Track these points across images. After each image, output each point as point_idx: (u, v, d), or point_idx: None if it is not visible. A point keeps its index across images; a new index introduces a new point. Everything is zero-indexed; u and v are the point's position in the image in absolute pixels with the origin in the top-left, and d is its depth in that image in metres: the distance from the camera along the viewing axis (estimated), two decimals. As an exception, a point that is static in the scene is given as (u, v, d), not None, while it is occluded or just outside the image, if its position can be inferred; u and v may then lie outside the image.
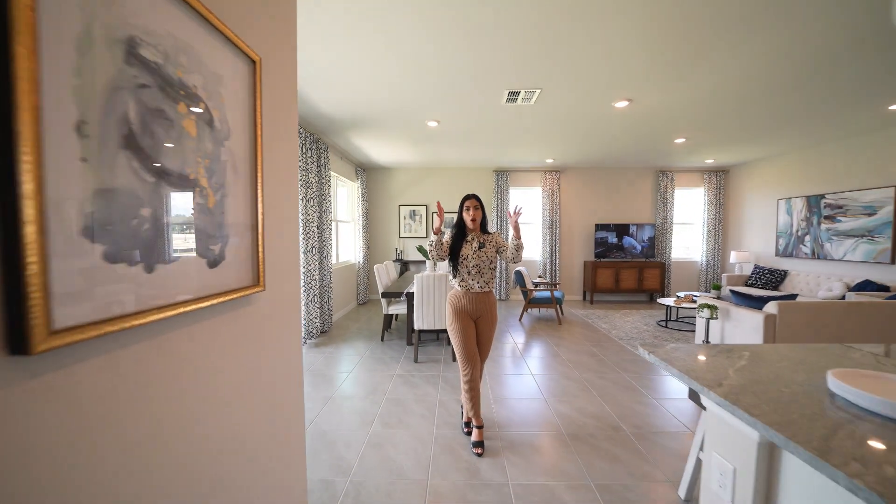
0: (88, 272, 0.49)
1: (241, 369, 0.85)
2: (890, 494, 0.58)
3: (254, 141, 0.88)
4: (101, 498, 0.51)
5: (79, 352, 0.49)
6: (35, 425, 0.43)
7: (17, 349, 0.41)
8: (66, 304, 0.46)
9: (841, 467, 0.64)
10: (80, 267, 0.48)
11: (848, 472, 0.63)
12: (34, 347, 0.42)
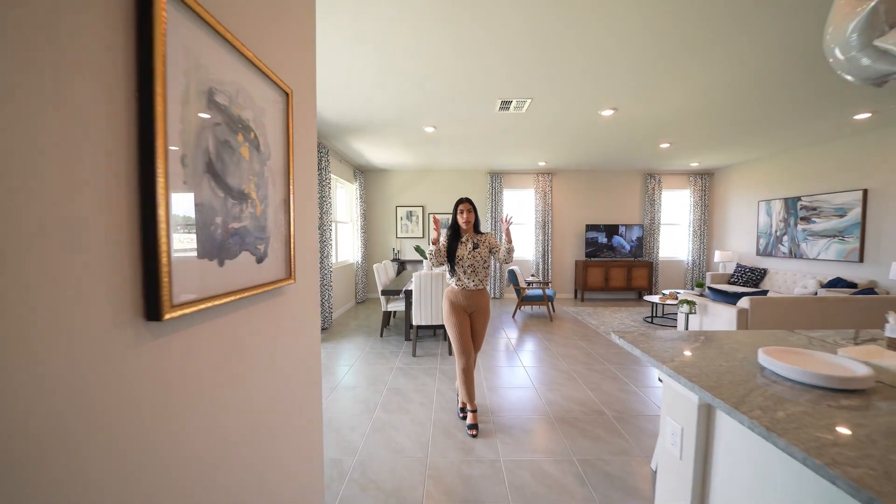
0: (194, 266, 0.68)
1: (276, 346, 1.04)
2: (776, 429, 0.78)
3: (287, 159, 1.07)
4: (199, 409, 0.70)
5: (186, 320, 0.68)
6: (162, 365, 0.62)
7: (153, 317, 0.60)
8: (181, 286, 0.64)
9: (746, 413, 0.85)
10: (183, 262, 0.66)
11: (750, 415, 0.83)
12: (163, 316, 0.60)
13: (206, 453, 0.74)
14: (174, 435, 0.65)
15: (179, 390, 0.67)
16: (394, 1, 1.96)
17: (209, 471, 0.75)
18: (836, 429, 0.77)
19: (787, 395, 0.95)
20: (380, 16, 2.10)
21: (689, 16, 2.08)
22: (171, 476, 0.65)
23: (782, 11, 2.04)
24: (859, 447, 0.70)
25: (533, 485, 1.78)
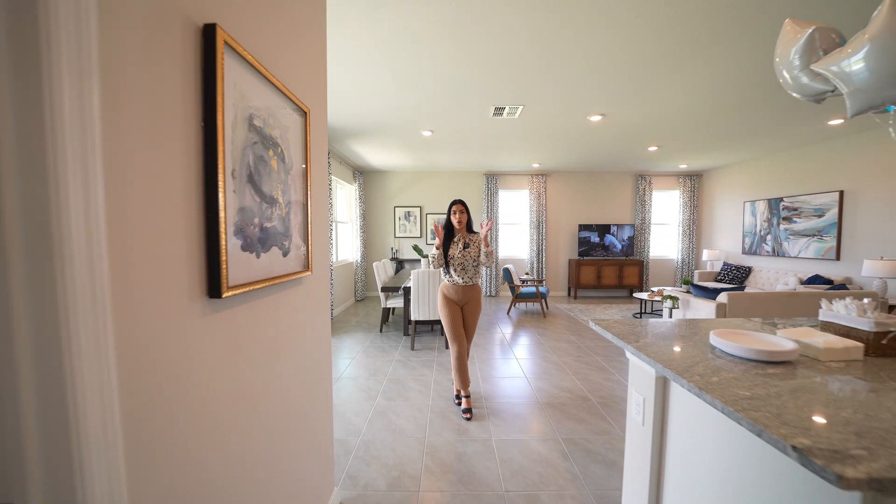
0: (239, 257, 0.86)
1: (297, 325, 1.22)
2: (707, 388, 0.96)
3: (305, 167, 1.25)
4: (243, 364, 0.88)
5: (238, 299, 0.86)
6: (219, 330, 0.80)
7: (214, 295, 0.78)
8: (233, 273, 0.82)
9: (688, 378, 1.03)
10: (234, 254, 0.84)
11: (690, 380, 1.02)
12: (222, 294, 0.78)
13: (247, 398, 0.92)
14: (228, 380, 0.83)
15: (229, 349, 0.85)
16: (395, 18, 2.14)
17: (251, 411, 0.93)
18: (754, 389, 0.96)
19: (726, 366, 1.14)
20: (383, 32, 2.27)
21: (671, 30, 2.27)
22: (227, 406, 0.83)
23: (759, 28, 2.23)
24: (765, 400, 0.89)
25: (521, 459, 1.96)
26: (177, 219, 0.70)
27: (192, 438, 0.73)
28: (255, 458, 0.97)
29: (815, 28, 1.36)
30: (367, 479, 1.82)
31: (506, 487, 1.75)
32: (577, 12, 2.06)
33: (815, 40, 1.38)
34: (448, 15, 2.09)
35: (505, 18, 2.13)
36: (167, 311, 0.67)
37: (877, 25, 1.13)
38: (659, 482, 1.31)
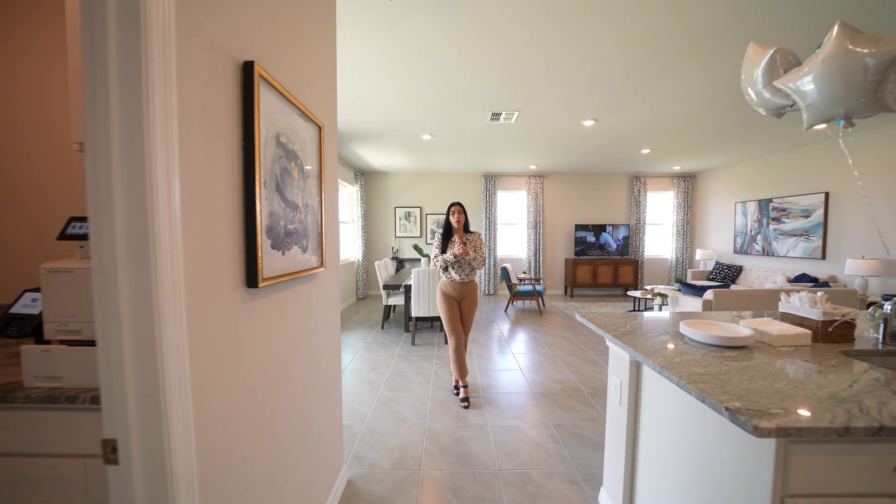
0: (269, 254, 1.02)
1: (311, 314, 1.38)
2: (668, 367, 1.12)
3: (319, 175, 1.41)
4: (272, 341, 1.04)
5: (270, 289, 1.02)
6: (256, 313, 0.96)
7: (252, 285, 0.94)
8: (265, 267, 0.98)
9: (654, 360, 1.19)
10: (266, 251, 1.00)
11: (656, 361, 1.18)
12: (258, 284, 0.94)
13: (277, 368, 1.08)
14: (263, 352, 0.99)
15: (262, 329, 1.01)
16: (397, 33, 2.29)
17: (281, 380, 1.09)
18: (708, 367, 1.12)
19: (689, 350, 1.30)
20: (386, 46, 2.43)
21: (658, 42, 2.42)
22: (262, 372, 0.99)
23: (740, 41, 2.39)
24: (715, 375, 1.05)
25: (514, 443, 2.13)
26: (225, 223, 0.86)
27: (236, 394, 0.89)
28: (283, 422, 1.13)
29: (776, 49, 1.53)
30: (372, 459, 1.98)
31: (499, 466, 1.91)
32: (570, 26, 2.22)
33: (777, 60, 1.55)
34: (447, 30, 2.25)
35: (501, 33, 2.28)
36: (218, 296, 0.83)
37: (826, 50, 1.30)
38: (634, 453, 1.48)
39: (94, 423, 0.97)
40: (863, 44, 1.26)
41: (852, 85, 1.29)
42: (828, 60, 1.32)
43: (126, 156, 0.63)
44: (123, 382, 0.65)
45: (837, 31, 1.30)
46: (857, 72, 1.27)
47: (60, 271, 1.02)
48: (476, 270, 2.70)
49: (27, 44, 1.45)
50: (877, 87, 1.26)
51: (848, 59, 1.28)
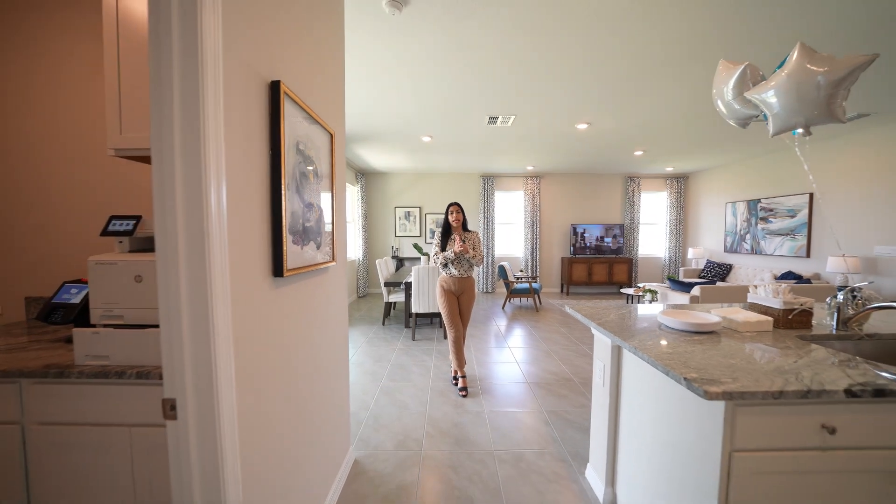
0: (291, 248, 1.16)
1: (323, 303, 1.53)
2: (641, 348, 1.27)
3: (331, 178, 1.55)
4: (295, 323, 1.19)
5: (291, 279, 1.16)
6: (281, 299, 1.11)
7: (278, 275, 1.08)
8: (289, 260, 1.13)
9: (630, 343, 1.34)
10: (289, 245, 1.15)
11: (631, 343, 1.33)
12: (284, 274, 1.09)
13: (300, 347, 1.22)
14: (288, 332, 1.13)
15: (286, 313, 1.16)
16: (401, 44, 2.43)
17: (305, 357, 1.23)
18: (676, 348, 1.27)
19: (663, 335, 1.45)
20: (390, 55, 2.57)
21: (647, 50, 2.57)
22: (290, 349, 1.13)
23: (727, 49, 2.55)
24: (681, 354, 1.20)
25: (509, 427, 2.28)
26: (256, 220, 1.00)
27: (267, 364, 1.04)
28: (303, 393, 1.27)
29: (747, 65, 1.68)
30: (376, 441, 2.12)
31: (495, 447, 2.06)
32: (563, 37, 2.36)
33: (747, 74, 1.71)
34: (447, 40, 2.39)
35: (497, 44, 2.43)
36: (253, 283, 0.98)
37: (788, 67, 1.45)
38: (615, 429, 1.63)
39: (137, 397, 1.11)
40: (818, 63, 1.41)
41: (808, 98, 1.45)
42: (790, 76, 1.48)
43: (186, 164, 0.77)
44: (182, 352, 0.79)
45: (798, 52, 1.45)
46: (812, 87, 1.43)
47: (105, 263, 1.16)
48: (474, 267, 2.85)
49: (66, 56, 1.58)
50: (828, 101, 1.41)
51: (805, 76, 1.44)
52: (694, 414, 1.10)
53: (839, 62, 1.38)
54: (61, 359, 1.18)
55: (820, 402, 0.97)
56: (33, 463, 1.12)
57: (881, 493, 0.98)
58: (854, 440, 0.98)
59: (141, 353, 1.12)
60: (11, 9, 1.59)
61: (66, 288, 1.40)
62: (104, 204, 1.62)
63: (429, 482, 1.77)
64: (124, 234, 1.25)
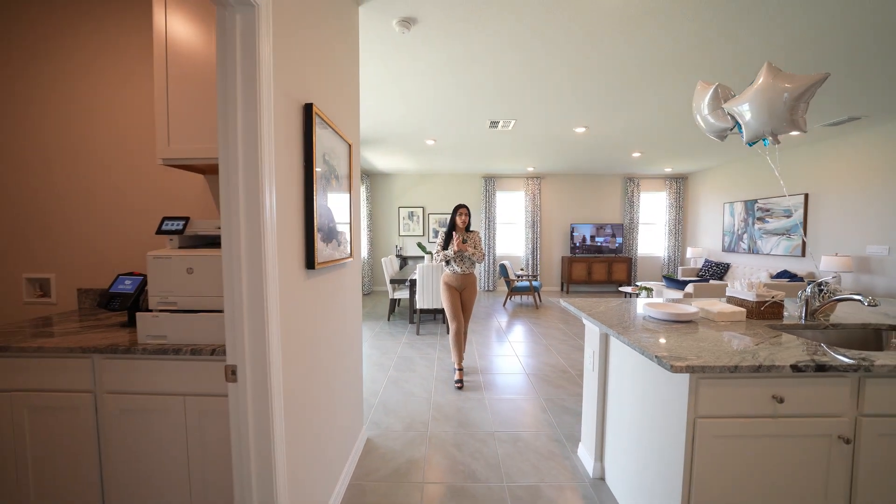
0: (319, 245, 1.35)
1: (341, 295, 1.72)
2: (625, 335, 1.45)
3: (349, 183, 1.74)
4: (324, 309, 1.38)
5: (320, 271, 1.36)
6: (313, 287, 1.30)
7: (310, 267, 1.28)
8: (318, 254, 1.32)
9: (615, 329, 1.52)
10: (318, 242, 1.34)
11: (615, 330, 1.51)
12: (315, 266, 1.28)
13: (326, 330, 1.41)
14: (318, 315, 1.33)
15: (317, 300, 1.35)
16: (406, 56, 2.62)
17: (329, 340, 1.42)
18: (655, 335, 1.45)
19: (646, 324, 1.62)
20: (397, 66, 2.75)
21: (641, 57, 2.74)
22: (319, 331, 1.32)
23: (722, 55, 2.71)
24: (658, 339, 1.38)
25: (508, 412, 2.46)
26: (294, 220, 1.19)
27: (303, 340, 1.23)
28: (328, 368, 1.46)
29: (717, 84, 1.85)
30: (386, 424, 2.31)
31: (495, 429, 2.24)
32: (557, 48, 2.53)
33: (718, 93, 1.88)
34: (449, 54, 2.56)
35: (495, 56, 2.60)
36: (292, 274, 1.17)
37: (758, 83, 1.62)
38: (603, 410, 1.81)
39: (190, 370, 1.30)
40: (782, 80, 1.59)
41: (775, 110, 1.62)
42: (759, 92, 1.65)
43: (247, 174, 0.96)
44: (242, 327, 0.98)
45: (765, 70, 1.62)
46: (779, 101, 1.60)
47: (162, 258, 1.36)
48: (475, 264, 3.02)
49: (127, 75, 1.78)
50: (791, 113, 1.58)
51: (773, 91, 1.61)
52: (666, 388, 1.28)
53: (799, 79, 1.55)
54: (124, 339, 1.37)
55: (770, 376, 1.14)
56: (103, 425, 1.32)
57: (822, 454, 1.16)
58: (800, 408, 1.15)
59: (193, 333, 1.31)
60: (73, 34, 1.79)
61: (121, 279, 1.60)
62: (149, 206, 1.82)
63: (435, 458, 1.96)
64: (175, 232, 1.44)
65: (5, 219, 1.87)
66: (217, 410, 1.29)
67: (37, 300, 1.93)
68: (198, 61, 1.37)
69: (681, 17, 2.14)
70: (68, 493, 1.35)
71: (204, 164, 1.49)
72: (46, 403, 1.33)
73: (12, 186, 1.86)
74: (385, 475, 1.81)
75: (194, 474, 1.32)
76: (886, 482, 1.16)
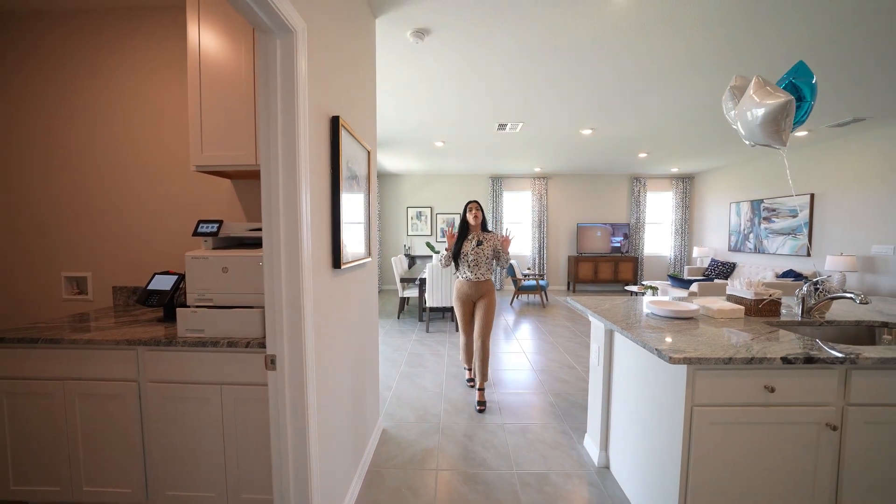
0: (344, 246, 1.47)
1: (360, 291, 1.83)
2: (628, 329, 1.54)
3: (368, 186, 1.85)
4: (347, 302, 1.50)
5: (344, 270, 1.47)
6: (339, 285, 1.42)
7: (336, 266, 1.39)
8: (344, 255, 1.43)
9: (618, 325, 1.61)
10: (344, 244, 1.45)
11: (619, 325, 1.60)
12: (340, 266, 1.39)
13: (349, 321, 1.53)
14: (343, 308, 1.44)
15: (342, 296, 1.46)
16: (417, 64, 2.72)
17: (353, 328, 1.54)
18: (657, 330, 1.54)
19: (648, 321, 1.71)
20: (408, 72, 2.86)
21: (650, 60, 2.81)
22: (343, 322, 1.44)
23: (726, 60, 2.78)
24: (660, 334, 1.47)
25: (517, 406, 2.56)
26: (323, 223, 1.30)
27: (330, 332, 1.34)
28: (351, 359, 1.57)
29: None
30: (400, 415, 2.43)
31: (505, 422, 2.34)
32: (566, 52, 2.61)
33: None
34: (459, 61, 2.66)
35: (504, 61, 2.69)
36: (322, 273, 1.28)
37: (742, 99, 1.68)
38: (608, 402, 1.90)
39: (226, 362, 1.42)
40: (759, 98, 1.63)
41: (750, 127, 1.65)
42: (739, 109, 1.71)
43: (286, 181, 1.08)
44: (282, 321, 1.10)
45: (754, 85, 1.68)
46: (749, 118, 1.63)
47: (199, 258, 1.48)
48: (492, 269, 2.68)
49: (161, 87, 1.91)
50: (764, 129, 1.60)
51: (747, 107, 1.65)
52: (666, 380, 1.38)
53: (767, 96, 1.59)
54: (163, 333, 1.50)
55: (762, 368, 1.23)
56: (147, 411, 1.45)
57: (810, 440, 1.25)
58: (790, 398, 1.24)
59: (229, 327, 1.43)
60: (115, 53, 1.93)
61: (157, 278, 1.73)
62: (177, 210, 1.95)
63: (448, 447, 2.07)
64: (210, 234, 1.56)
65: (49, 222, 2.01)
66: (251, 398, 1.41)
67: (75, 297, 2.06)
68: (228, 75, 1.49)
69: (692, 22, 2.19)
70: (115, 473, 1.48)
71: (232, 170, 1.62)
72: (95, 391, 1.46)
73: (56, 191, 2.00)
74: (401, 462, 1.92)
75: (229, 456, 1.44)
76: (871, 466, 1.25)
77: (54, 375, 1.45)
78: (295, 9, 1.06)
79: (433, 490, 1.71)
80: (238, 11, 0.95)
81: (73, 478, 1.48)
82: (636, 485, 1.62)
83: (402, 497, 1.67)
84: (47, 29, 1.94)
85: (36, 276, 2.04)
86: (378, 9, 1.98)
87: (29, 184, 2.00)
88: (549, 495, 1.69)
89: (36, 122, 1.98)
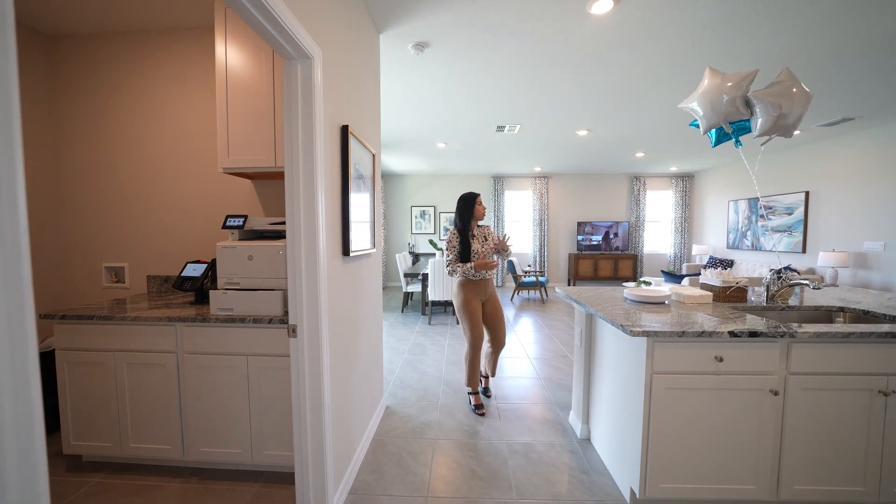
0: (352, 237, 1.69)
1: (368, 281, 2.06)
2: (603, 312, 1.74)
3: (373, 185, 2.08)
4: (354, 288, 1.72)
5: (352, 259, 1.70)
6: (348, 271, 1.64)
7: (346, 254, 1.61)
8: (352, 245, 1.66)
9: (595, 308, 1.81)
10: (352, 235, 1.67)
11: (596, 308, 1.80)
12: (348, 254, 1.62)
13: (357, 307, 1.75)
14: (349, 295, 1.66)
15: (350, 281, 1.68)
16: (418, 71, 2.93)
17: (360, 314, 1.76)
18: (628, 313, 1.73)
19: (624, 305, 1.90)
20: (409, 80, 3.08)
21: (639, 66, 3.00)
22: (350, 307, 1.66)
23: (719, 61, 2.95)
24: (629, 315, 1.67)
25: (510, 388, 2.76)
26: (334, 217, 1.53)
27: (341, 311, 1.56)
28: (358, 340, 1.80)
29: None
30: (402, 395, 2.65)
31: (498, 401, 2.55)
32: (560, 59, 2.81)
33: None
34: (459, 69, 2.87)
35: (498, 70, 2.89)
36: (334, 260, 1.50)
37: (703, 87, 1.86)
38: (589, 378, 2.10)
39: (252, 336, 1.65)
40: (721, 80, 1.81)
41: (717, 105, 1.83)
42: (704, 93, 1.88)
43: (305, 181, 1.30)
44: (302, 297, 1.32)
45: (708, 74, 1.86)
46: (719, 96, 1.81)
47: (228, 247, 1.71)
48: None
49: (193, 98, 2.16)
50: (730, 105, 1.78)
51: (715, 89, 1.83)
52: (632, 354, 1.57)
53: (733, 77, 1.77)
54: (198, 311, 1.74)
55: (712, 341, 1.42)
56: (184, 378, 1.69)
57: (754, 404, 1.43)
58: (738, 367, 1.43)
59: (254, 307, 1.66)
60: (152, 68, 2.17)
61: (189, 266, 1.97)
62: (203, 206, 2.19)
63: (445, 421, 2.28)
64: (237, 227, 1.80)
65: (90, 217, 2.27)
66: (273, 367, 1.64)
67: (113, 285, 2.32)
68: (250, 89, 1.72)
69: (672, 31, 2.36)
70: (157, 431, 1.72)
71: (253, 171, 1.85)
72: (140, 361, 1.70)
73: (97, 190, 2.26)
74: (403, 433, 2.14)
75: (254, 417, 1.67)
76: (808, 427, 1.43)
77: (107, 347, 1.70)
78: (312, 38, 1.29)
79: (430, 455, 1.93)
80: (267, 43, 1.18)
81: (122, 436, 1.72)
82: (610, 450, 1.82)
83: (403, 460, 1.89)
84: (96, 47, 2.19)
85: (80, 265, 2.30)
86: (382, 26, 2.20)
87: (74, 183, 2.26)
88: (533, 461, 1.89)
89: (82, 128, 2.24)
